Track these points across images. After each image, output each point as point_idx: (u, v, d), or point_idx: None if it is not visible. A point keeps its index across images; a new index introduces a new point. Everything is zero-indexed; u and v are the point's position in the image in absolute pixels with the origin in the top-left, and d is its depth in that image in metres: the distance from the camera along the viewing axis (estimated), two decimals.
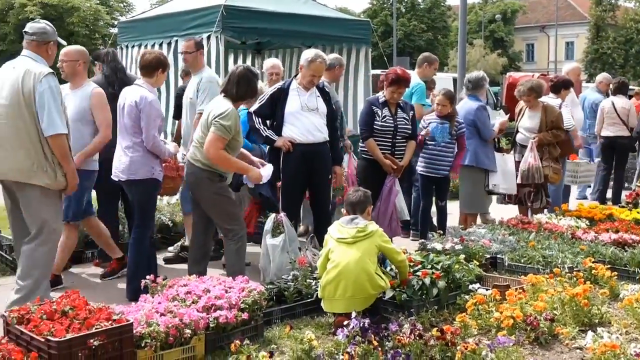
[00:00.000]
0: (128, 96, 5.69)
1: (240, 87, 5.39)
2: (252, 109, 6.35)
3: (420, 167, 7.62)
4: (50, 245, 5.12)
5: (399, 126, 6.78)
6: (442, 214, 7.78)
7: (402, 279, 5.09)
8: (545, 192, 8.08)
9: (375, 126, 6.72)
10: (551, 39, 55.41)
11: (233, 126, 5.26)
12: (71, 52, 6.08)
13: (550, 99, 8.60)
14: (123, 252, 6.35)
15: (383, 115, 6.73)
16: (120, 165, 5.69)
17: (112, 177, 5.79)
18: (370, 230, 4.85)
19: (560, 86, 8.89)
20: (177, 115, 7.55)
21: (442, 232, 7.08)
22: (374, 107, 6.77)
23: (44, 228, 5.02)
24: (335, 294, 4.76)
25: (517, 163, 7.97)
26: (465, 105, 7.89)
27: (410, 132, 6.89)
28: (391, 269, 5.23)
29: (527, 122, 8.07)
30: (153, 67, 5.77)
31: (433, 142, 7.41)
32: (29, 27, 5.13)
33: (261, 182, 5.64)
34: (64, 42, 5.44)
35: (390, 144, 6.77)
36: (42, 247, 5.04)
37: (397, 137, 6.79)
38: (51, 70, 5.00)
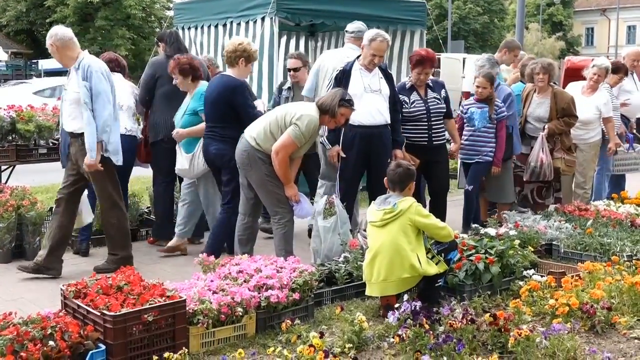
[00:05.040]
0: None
1: (325, 100, 5.52)
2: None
3: (460, 154, 7.11)
4: None
5: (431, 108, 6.54)
6: (468, 201, 7.09)
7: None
8: (554, 187, 7.42)
9: (405, 114, 6.49)
10: (612, 22, 53.86)
11: (307, 135, 5.40)
12: None
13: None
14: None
15: (412, 100, 6.51)
16: None
17: None
18: (399, 209, 4.64)
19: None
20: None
21: (465, 223, 6.85)
22: (401, 96, 6.51)
23: None
24: (371, 277, 4.72)
25: (525, 156, 7.25)
26: None
27: (444, 110, 6.66)
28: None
29: (536, 109, 7.30)
30: None
31: (472, 128, 6.92)
32: (349, 27, 6.92)
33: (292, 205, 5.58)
34: None
35: (426, 127, 6.53)
36: None
37: (433, 120, 6.54)
38: None
